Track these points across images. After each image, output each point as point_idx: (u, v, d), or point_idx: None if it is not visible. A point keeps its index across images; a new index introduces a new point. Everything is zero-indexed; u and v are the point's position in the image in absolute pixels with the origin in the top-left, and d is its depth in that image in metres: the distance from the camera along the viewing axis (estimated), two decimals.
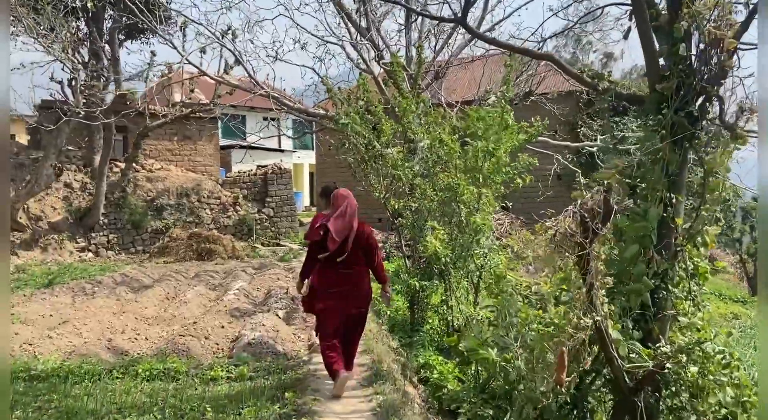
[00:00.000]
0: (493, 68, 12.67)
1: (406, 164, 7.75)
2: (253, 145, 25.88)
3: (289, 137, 14.67)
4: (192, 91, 15.36)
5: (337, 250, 4.42)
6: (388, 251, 16.30)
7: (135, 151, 15.17)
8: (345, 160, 8.89)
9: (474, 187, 6.96)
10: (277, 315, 7.04)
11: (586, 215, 3.29)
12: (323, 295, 4.56)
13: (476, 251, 6.34)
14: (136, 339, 6.18)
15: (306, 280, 4.77)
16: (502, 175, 7.12)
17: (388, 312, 9.54)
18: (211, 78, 11.36)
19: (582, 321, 3.36)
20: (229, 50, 12.25)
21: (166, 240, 14.04)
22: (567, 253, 3.40)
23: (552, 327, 3.53)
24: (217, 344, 6.05)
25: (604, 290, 3.52)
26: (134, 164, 16.20)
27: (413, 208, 7.70)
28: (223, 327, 6.59)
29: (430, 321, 8.73)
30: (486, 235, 6.26)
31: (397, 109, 7.98)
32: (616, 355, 3.47)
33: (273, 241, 16.96)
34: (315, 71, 11.58)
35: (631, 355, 3.52)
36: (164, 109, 15.71)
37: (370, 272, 4.71)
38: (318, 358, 5.28)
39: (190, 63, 11.61)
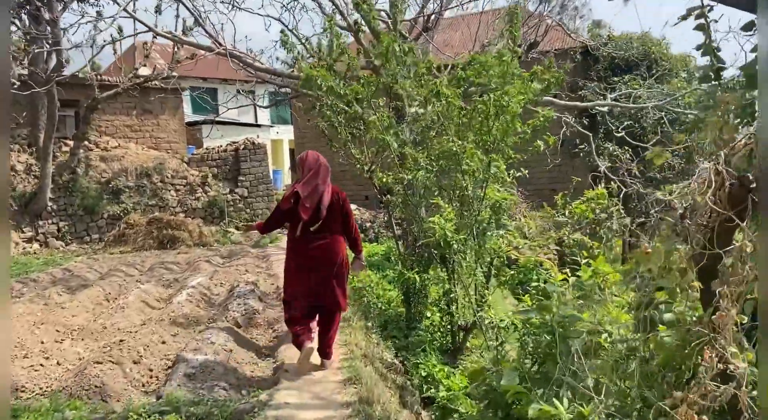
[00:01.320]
0: (491, 21, 11.06)
1: (393, 129, 6.20)
2: (226, 119, 24.12)
3: (261, 107, 12.98)
4: (146, 56, 13.51)
5: (310, 218, 4.17)
6: (377, 232, 14.79)
7: (84, 127, 13.39)
8: (321, 129, 7.32)
9: (481, 153, 5.43)
10: (236, 323, 5.51)
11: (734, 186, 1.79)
12: (294, 269, 4.27)
13: (492, 234, 4.79)
14: (42, 366, 4.62)
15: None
16: (513, 137, 5.60)
17: (380, 305, 8.09)
18: (164, 36, 9.63)
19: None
20: (186, 7, 10.51)
21: (122, 227, 12.39)
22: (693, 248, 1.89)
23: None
24: (151, 371, 4.51)
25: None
26: (87, 142, 14.44)
27: (405, 182, 6.17)
28: (164, 342, 5.06)
29: (430, 316, 7.29)
30: (506, 214, 4.74)
31: (375, 58, 6.38)
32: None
33: (248, 224, 15.33)
34: (282, 22, 9.83)
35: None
36: (116, 79, 13.91)
37: (345, 241, 4.42)
38: (285, 395, 3.81)
39: (141, 22, 9.86)
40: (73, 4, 14.21)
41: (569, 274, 3.42)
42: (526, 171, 5.89)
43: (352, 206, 16.05)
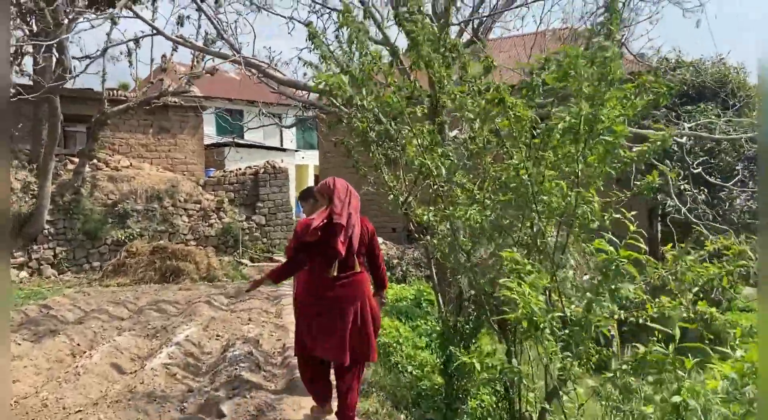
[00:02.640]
0: (543, 43, 9.60)
1: (440, 150, 4.74)
2: (250, 142, 23.04)
3: (283, 127, 11.72)
4: (164, 70, 12.41)
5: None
6: (405, 270, 13.24)
7: (91, 144, 12.24)
8: (347, 148, 5.91)
9: (565, 185, 3.88)
10: (220, 412, 3.97)
11: None
12: (313, 315, 3.67)
13: (605, 308, 3.14)
14: None
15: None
16: (610, 166, 4.04)
17: (411, 370, 6.58)
18: (172, 40, 8.42)
19: None
20: (206, 15, 9.34)
21: (122, 255, 11.06)
22: None
23: None
24: None
25: None
26: (96, 160, 13.31)
27: (452, 221, 4.65)
28: None
29: (478, 396, 5.72)
30: (626, 279, 3.17)
31: (412, 62, 4.92)
32: None
33: (264, 255, 13.96)
34: (305, 25, 8.54)
35: None
36: (128, 95, 12.82)
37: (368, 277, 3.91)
38: None
39: (161, 33, 8.70)
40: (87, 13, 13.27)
41: None
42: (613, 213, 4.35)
43: (378, 240, 14.55)
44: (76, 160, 12.92)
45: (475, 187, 4.71)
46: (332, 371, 3.89)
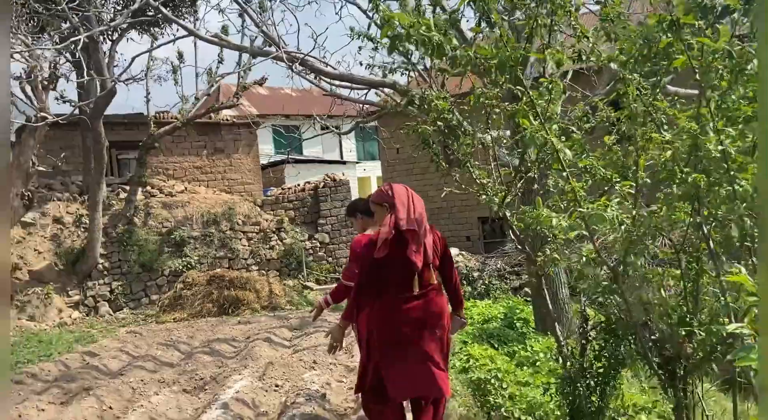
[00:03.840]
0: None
1: (556, 122, 3.37)
2: (309, 157, 22.17)
3: (340, 134, 10.56)
4: (210, 85, 11.53)
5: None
6: (488, 283, 11.70)
7: (141, 170, 11.49)
8: (423, 139, 4.59)
9: None
10: None
11: None
12: (385, 344, 3.11)
13: None
14: None
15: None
16: None
17: (518, 415, 5.15)
18: (206, 40, 7.40)
19: None
20: (250, 18, 8.35)
21: (179, 287, 10.14)
22: None
23: None
24: None
25: None
26: (150, 187, 12.61)
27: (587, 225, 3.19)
28: None
29: None
30: None
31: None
32: None
33: (330, 275, 12.79)
34: (364, 12, 7.23)
35: None
36: (174, 118, 12.03)
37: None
38: None
39: (204, 39, 7.75)
40: (131, 33, 12.67)
41: None
42: None
43: (453, 250, 12.99)
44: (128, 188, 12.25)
45: (615, 176, 3.27)
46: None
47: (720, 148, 2.39)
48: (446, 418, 4.35)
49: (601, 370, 4.11)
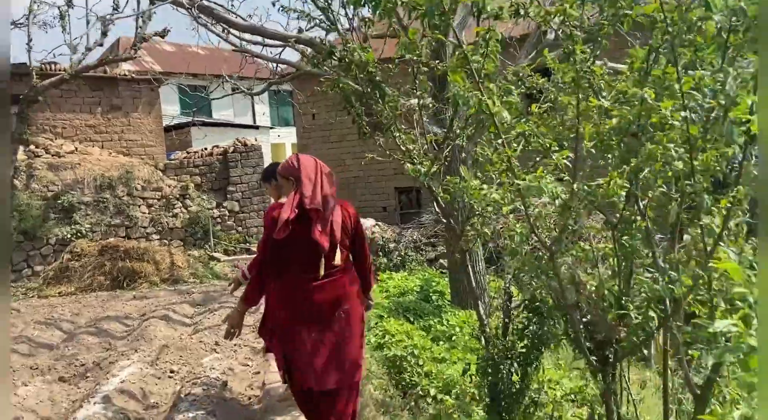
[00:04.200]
0: None
1: (498, 82, 3.00)
2: (219, 121, 20.94)
3: (252, 95, 9.77)
4: (104, 34, 10.28)
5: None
6: (404, 255, 11.49)
7: (21, 127, 10.17)
8: (334, 121, 4.10)
9: None
10: None
11: None
12: (294, 326, 2.88)
13: None
14: None
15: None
16: None
17: (433, 392, 4.95)
18: None
19: None
20: None
21: (65, 258, 9.12)
22: None
23: None
24: None
25: None
26: (33, 146, 11.26)
27: (526, 201, 2.87)
28: None
29: None
30: None
31: None
32: None
33: (240, 246, 12.11)
34: None
35: None
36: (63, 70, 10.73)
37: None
38: None
39: None
40: None
41: None
42: None
43: (369, 221, 12.53)
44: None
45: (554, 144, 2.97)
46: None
47: (684, 114, 2.10)
48: (361, 404, 4.02)
49: (523, 351, 3.92)
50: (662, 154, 2.23)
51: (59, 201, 10.62)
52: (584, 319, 3.11)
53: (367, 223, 12.26)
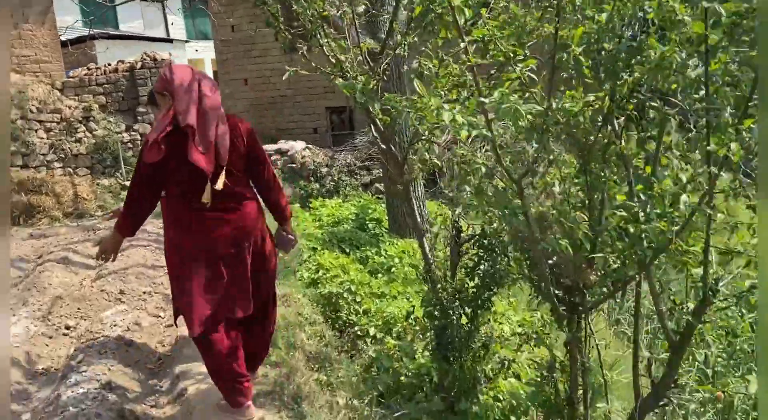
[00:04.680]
0: None
1: None
2: (126, 33, 18.88)
3: (157, 0, 8.48)
4: None
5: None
6: (338, 180, 10.86)
7: None
8: (254, 32, 3.33)
9: None
10: None
11: None
12: (192, 259, 2.55)
13: None
14: None
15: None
16: None
17: (373, 332, 4.59)
18: None
19: None
20: None
21: None
22: None
23: None
24: None
25: None
26: None
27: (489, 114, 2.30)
28: None
29: (493, 378, 3.83)
30: None
31: None
32: None
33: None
34: None
35: None
36: None
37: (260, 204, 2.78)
38: None
39: None
40: None
41: None
42: None
43: (299, 144, 11.68)
44: None
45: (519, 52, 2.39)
46: None
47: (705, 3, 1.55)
48: (294, 356, 3.54)
49: (474, 291, 3.53)
50: (674, 59, 1.70)
51: None
52: (550, 261, 2.68)
53: (297, 146, 11.47)
